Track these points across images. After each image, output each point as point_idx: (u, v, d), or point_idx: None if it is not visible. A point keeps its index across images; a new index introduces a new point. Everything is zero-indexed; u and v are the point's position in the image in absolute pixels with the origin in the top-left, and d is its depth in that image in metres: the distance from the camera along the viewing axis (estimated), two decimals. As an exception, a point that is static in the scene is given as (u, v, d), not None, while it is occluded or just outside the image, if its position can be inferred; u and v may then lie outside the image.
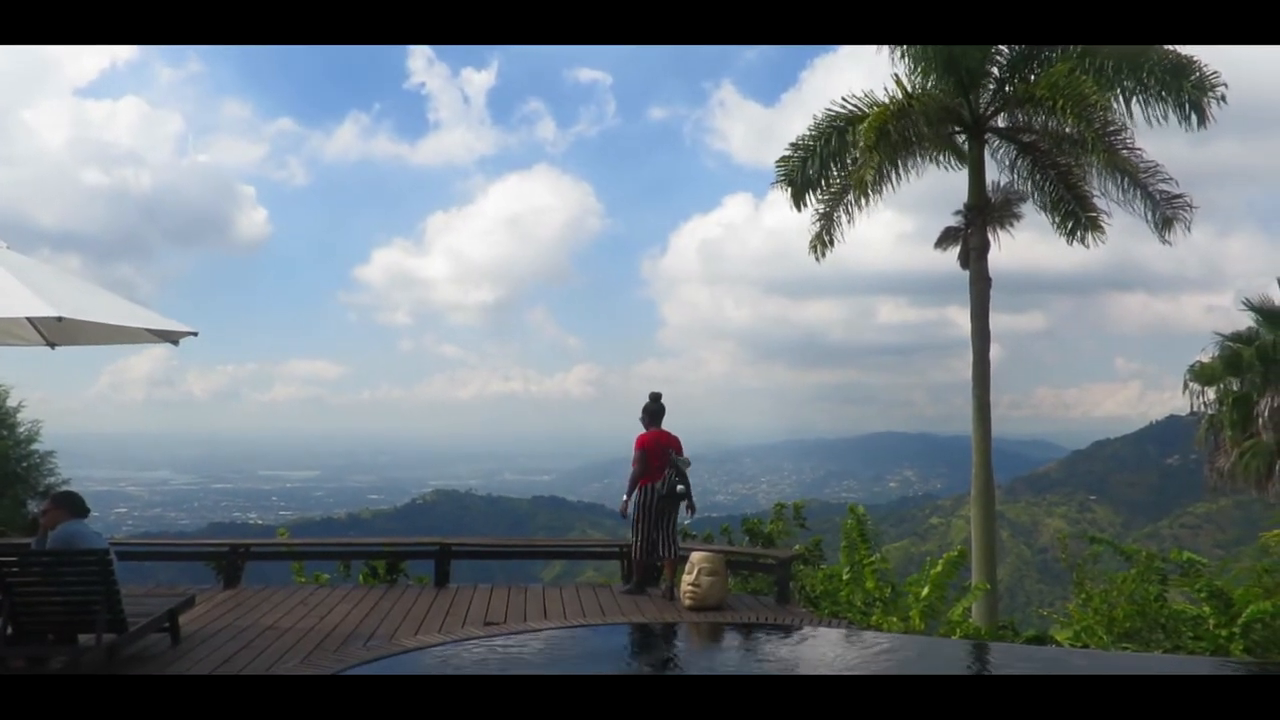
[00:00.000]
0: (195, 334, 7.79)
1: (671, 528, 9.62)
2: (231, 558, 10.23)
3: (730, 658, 7.92)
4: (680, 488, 9.50)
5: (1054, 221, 14.75)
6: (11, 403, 14.06)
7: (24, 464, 13.94)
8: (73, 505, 6.87)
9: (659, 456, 9.52)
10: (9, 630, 6.30)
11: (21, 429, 14.11)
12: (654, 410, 9.74)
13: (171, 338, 7.82)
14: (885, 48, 14.49)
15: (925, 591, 9.18)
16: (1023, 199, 14.88)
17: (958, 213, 14.97)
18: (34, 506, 12.93)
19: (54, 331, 8.02)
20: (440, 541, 10.61)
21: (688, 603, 9.02)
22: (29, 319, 7.58)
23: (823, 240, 15.05)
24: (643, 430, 9.69)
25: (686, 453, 9.72)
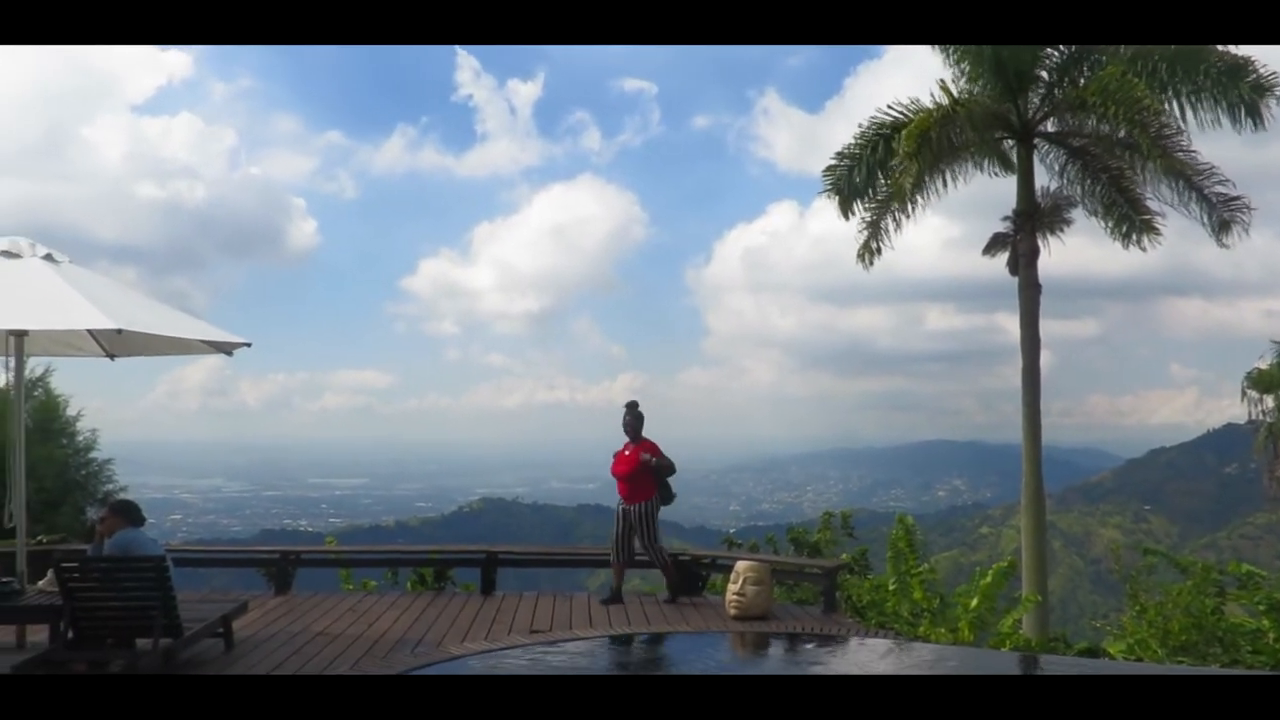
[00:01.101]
0: (249, 345, 7.95)
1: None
2: (282, 564, 10.40)
3: (775, 667, 7.87)
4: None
5: (1107, 226, 14.54)
6: (71, 412, 14.46)
7: (83, 472, 14.31)
8: (129, 514, 7.04)
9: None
10: (70, 634, 6.47)
11: (80, 438, 14.49)
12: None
13: (225, 348, 7.99)
14: (932, 53, 14.39)
15: (974, 603, 9.05)
16: (1073, 204, 14.67)
17: (1006, 218, 14.79)
18: (93, 513, 13.26)
19: (113, 343, 8.23)
20: (487, 550, 10.70)
21: (732, 612, 8.99)
22: (89, 330, 7.80)
23: (870, 249, 14.94)
24: (645, 438, 9.78)
25: (727, 462, 9.82)
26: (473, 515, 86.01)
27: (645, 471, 9.60)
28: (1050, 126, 14.65)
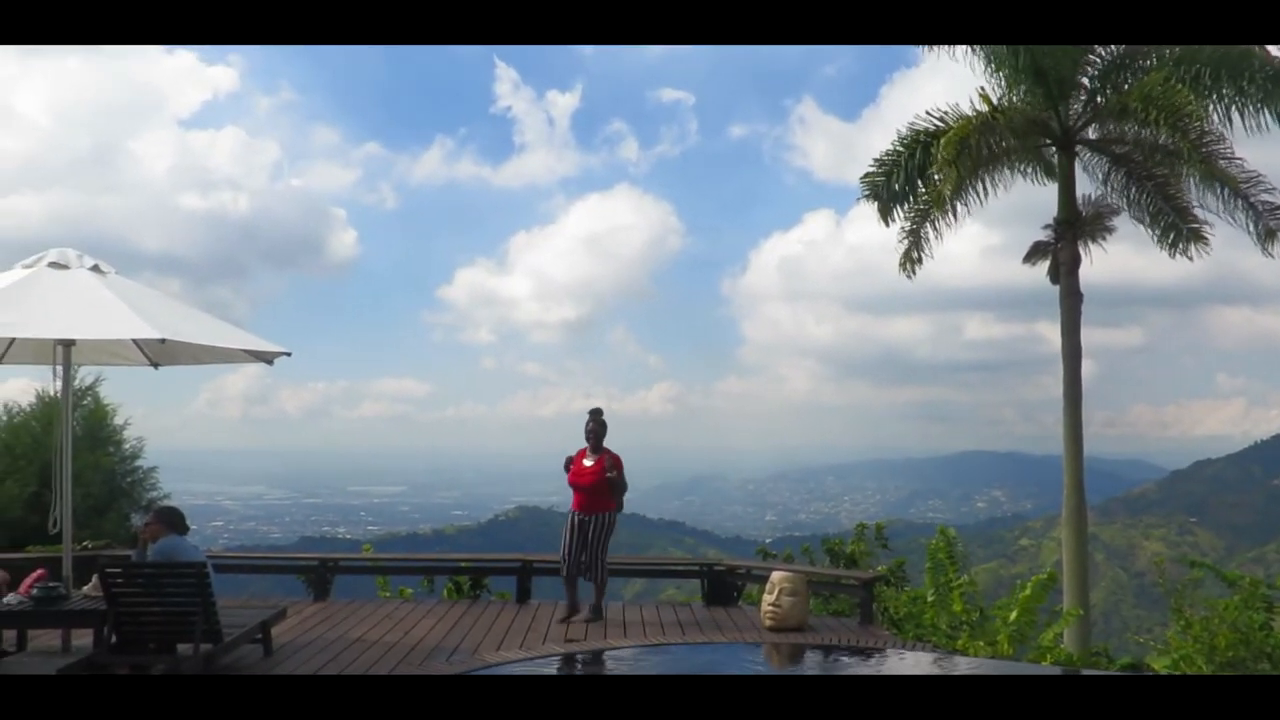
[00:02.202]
0: (289, 354, 8.06)
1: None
2: (321, 571, 10.51)
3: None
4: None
5: (1153, 235, 14.34)
6: (118, 420, 14.72)
7: (128, 479, 14.55)
8: (173, 521, 7.16)
9: None
10: (113, 639, 6.58)
11: (127, 445, 14.73)
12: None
13: (266, 357, 8.10)
14: (968, 62, 14.26)
15: (1014, 615, 8.92)
16: (1115, 212, 14.46)
17: (1047, 227, 14.62)
18: (138, 520, 13.48)
19: (157, 352, 8.38)
20: (522, 558, 10.74)
21: (768, 623, 8.95)
22: (134, 340, 7.95)
23: (912, 258, 14.82)
24: (608, 449, 9.24)
25: (764, 471, 9.70)
26: (509, 523, 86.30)
27: (606, 484, 9.13)
28: (1092, 133, 14.46)
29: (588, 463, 9.20)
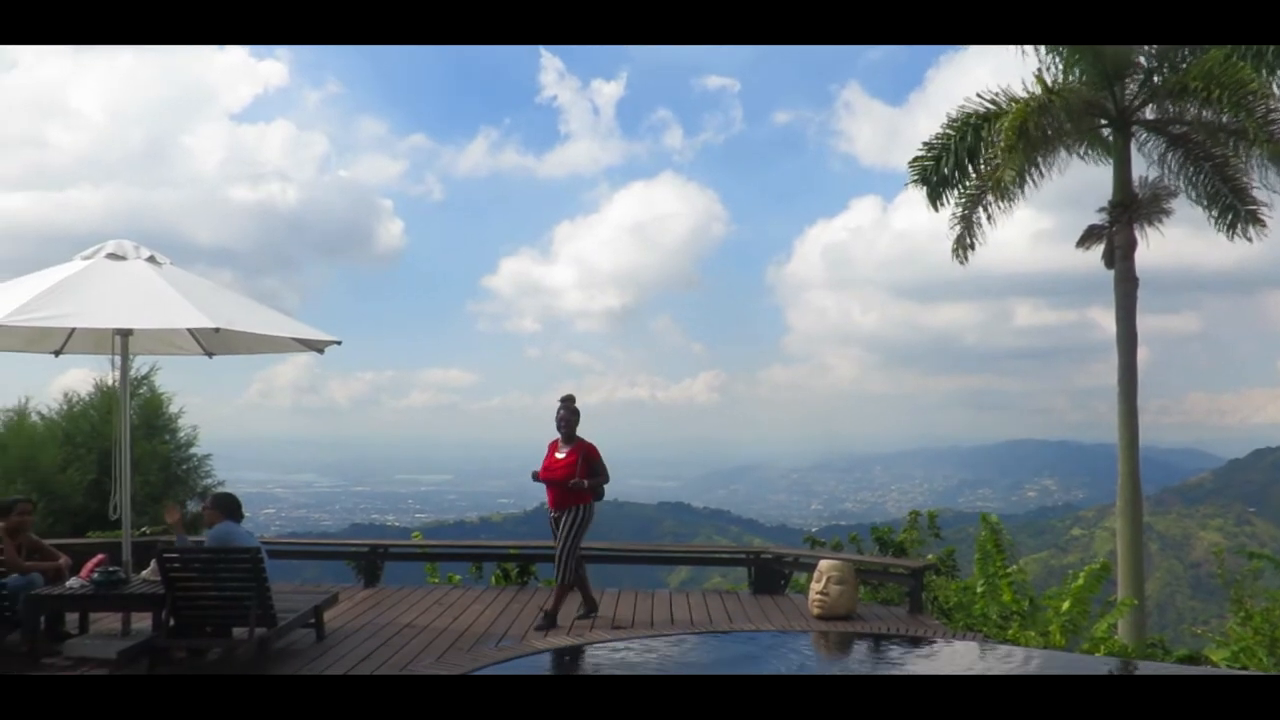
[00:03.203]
0: (339, 343, 8.15)
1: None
2: (371, 558, 10.65)
3: (858, 669, 7.76)
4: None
5: (1211, 216, 13.98)
6: (173, 409, 15.03)
7: (184, 467, 14.88)
8: (228, 508, 7.29)
9: None
10: (171, 622, 6.72)
11: (182, 434, 15.06)
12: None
13: (317, 346, 8.20)
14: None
15: (1066, 605, 8.79)
16: (1173, 194, 14.13)
17: (1101, 210, 14.32)
18: (193, 507, 13.77)
19: (212, 341, 8.53)
20: (569, 545, 10.77)
21: (816, 611, 8.90)
22: (189, 330, 8.09)
23: (964, 243, 14.62)
24: (581, 439, 8.46)
25: (809, 460, 9.54)
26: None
27: (580, 486, 8.22)
28: (1149, 113, 14.13)
29: (560, 455, 8.38)
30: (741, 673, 7.28)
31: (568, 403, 8.47)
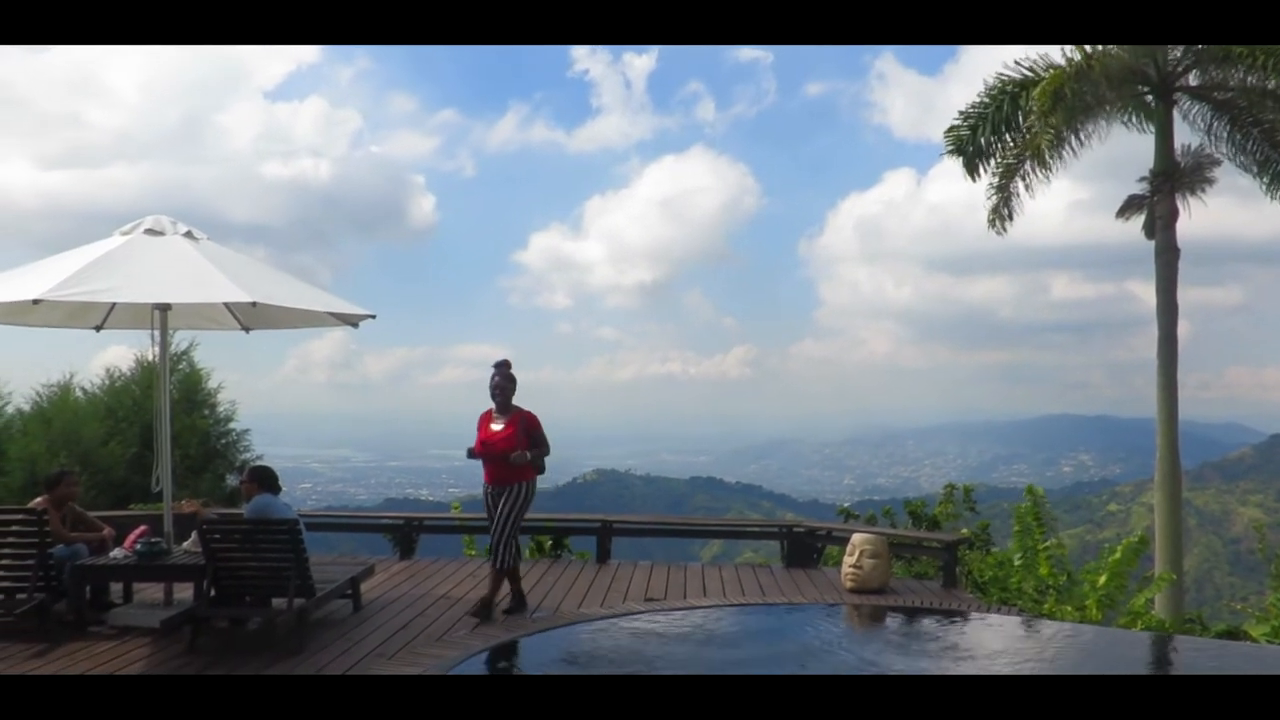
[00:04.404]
0: (374, 317, 8.20)
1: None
2: (406, 530, 10.77)
3: (891, 642, 7.75)
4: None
5: (1262, 184, 13.66)
6: (212, 384, 15.26)
7: (223, 441, 15.12)
8: (266, 480, 7.40)
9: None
10: (212, 592, 6.85)
11: (221, 409, 15.31)
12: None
13: (352, 320, 8.26)
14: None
15: (1103, 580, 8.70)
16: (1216, 163, 13.82)
17: (1142, 179, 14.04)
18: (232, 480, 13.99)
19: (248, 316, 8.61)
20: (602, 519, 10.84)
21: (849, 585, 8.89)
22: (226, 304, 8.18)
23: (1001, 214, 14.39)
24: (519, 407, 7.79)
25: (842, 435, 9.45)
26: (587, 486, 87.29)
27: (522, 459, 7.54)
28: (1192, 80, 13.80)
29: (496, 426, 7.69)
30: (771, 644, 7.29)
31: (503, 369, 7.75)
